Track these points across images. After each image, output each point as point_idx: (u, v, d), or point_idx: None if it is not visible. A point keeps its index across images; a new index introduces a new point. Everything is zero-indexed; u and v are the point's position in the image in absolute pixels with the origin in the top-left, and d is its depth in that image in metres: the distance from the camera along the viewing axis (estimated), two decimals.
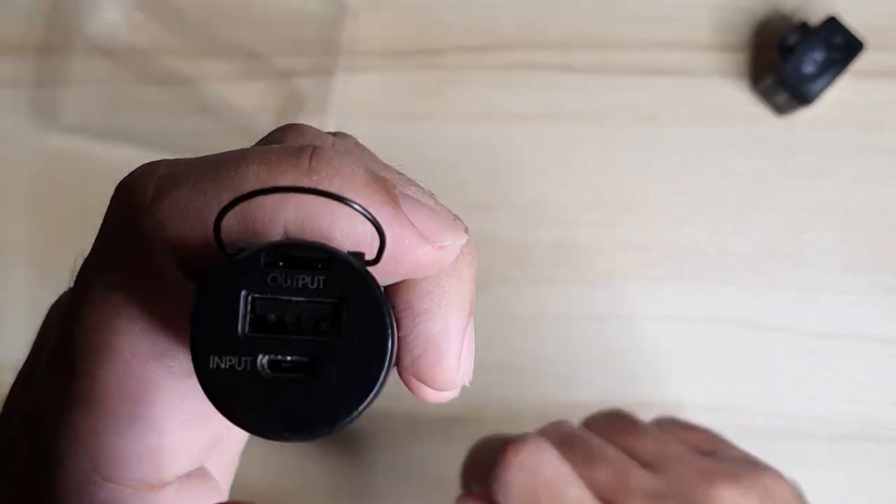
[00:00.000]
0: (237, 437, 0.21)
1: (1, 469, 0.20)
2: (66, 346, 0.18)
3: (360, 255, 0.16)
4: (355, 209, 0.15)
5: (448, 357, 0.18)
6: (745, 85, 0.51)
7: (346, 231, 0.16)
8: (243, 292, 0.15)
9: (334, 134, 0.20)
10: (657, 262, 0.50)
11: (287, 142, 0.18)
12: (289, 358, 0.15)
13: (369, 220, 0.16)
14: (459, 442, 0.51)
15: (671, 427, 0.37)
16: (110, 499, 0.18)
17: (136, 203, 0.17)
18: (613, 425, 0.35)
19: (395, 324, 0.16)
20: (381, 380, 0.16)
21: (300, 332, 0.16)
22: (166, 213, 0.16)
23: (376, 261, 0.16)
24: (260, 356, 0.15)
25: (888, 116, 0.51)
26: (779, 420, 0.50)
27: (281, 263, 0.15)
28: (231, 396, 0.15)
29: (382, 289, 0.16)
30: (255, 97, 0.53)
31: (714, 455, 0.35)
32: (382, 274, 0.17)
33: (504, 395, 0.50)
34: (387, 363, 0.16)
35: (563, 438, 0.32)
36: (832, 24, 0.48)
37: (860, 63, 0.49)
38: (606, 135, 0.51)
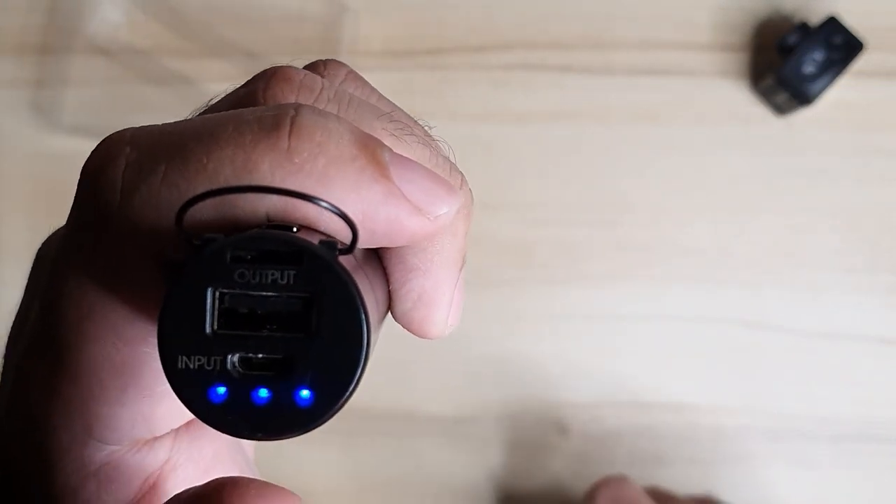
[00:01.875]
0: None
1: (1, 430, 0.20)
2: (49, 329, 0.17)
3: (333, 244, 0.15)
4: (328, 209, 0.15)
5: (438, 311, 0.18)
6: (745, 85, 0.51)
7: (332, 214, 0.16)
8: (209, 289, 0.15)
9: (325, 64, 0.19)
10: (657, 262, 0.50)
11: (270, 94, 0.17)
12: (260, 356, 0.15)
13: (344, 220, 0.15)
14: (459, 442, 0.51)
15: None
16: (106, 458, 0.18)
17: (105, 199, 0.16)
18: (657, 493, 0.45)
19: (370, 320, 0.15)
20: (356, 378, 0.15)
21: (271, 329, 0.15)
22: (137, 210, 0.16)
23: (350, 250, 0.15)
24: (230, 355, 0.15)
25: (888, 116, 0.51)
26: (779, 420, 0.50)
27: (249, 258, 0.15)
28: (202, 397, 0.15)
29: (357, 284, 0.15)
30: None
31: None
32: (375, 244, 0.17)
33: (504, 395, 0.50)
34: (362, 362, 0.15)
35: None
36: (832, 24, 0.48)
37: (860, 63, 0.49)
38: (606, 135, 0.51)
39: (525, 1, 0.52)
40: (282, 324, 0.15)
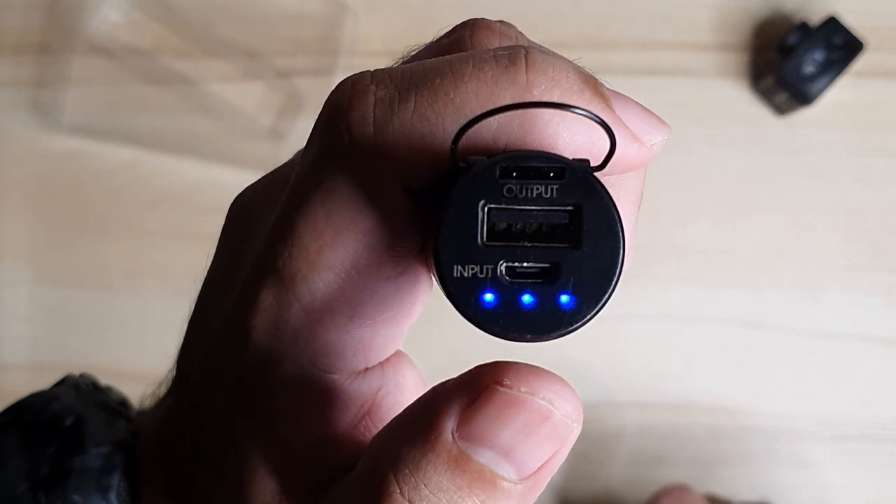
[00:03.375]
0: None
1: (207, 368, 0.20)
2: (279, 261, 0.18)
3: (585, 163, 0.16)
4: (592, 119, 0.16)
5: None
6: (745, 85, 0.51)
7: (568, 140, 0.17)
8: (481, 203, 0.16)
9: (500, 22, 0.20)
10: (658, 262, 0.50)
11: (477, 39, 0.19)
12: (526, 264, 0.16)
13: (604, 128, 0.16)
14: None
15: None
16: (327, 387, 0.19)
17: (358, 132, 0.17)
18: None
19: (625, 230, 0.16)
20: (613, 284, 0.16)
21: (536, 240, 0.16)
22: (390, 141, 0.17)
23: (603, 166, 0.16)
24: (500, 263, 0.16)
25: (888, 116, 0.51)
26: (780, 420, 0.50)
27: (514, 174, 0.16)
28: (475, 303, 0.16)
29: (613, 198, 0.16)
30: (255, 97, 0.53)
31: None
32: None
33: None
34: (620, 268, 0.16)
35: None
36: (832, 24, 0.48)
37: (860, 63, 0.49)
38: None
39: (525, 1, 0.52)
40: (545, 234, 0.16)
